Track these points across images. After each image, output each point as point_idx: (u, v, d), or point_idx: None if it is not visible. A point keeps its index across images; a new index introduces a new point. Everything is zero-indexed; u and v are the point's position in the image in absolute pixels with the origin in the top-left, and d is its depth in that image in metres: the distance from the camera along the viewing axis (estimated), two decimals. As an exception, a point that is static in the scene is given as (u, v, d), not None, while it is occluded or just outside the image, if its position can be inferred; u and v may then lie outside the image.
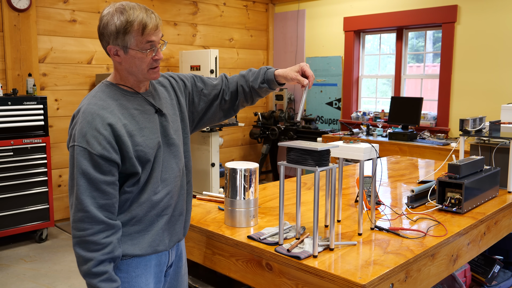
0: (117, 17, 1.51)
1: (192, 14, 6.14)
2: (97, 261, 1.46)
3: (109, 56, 1.59)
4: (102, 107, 1.51)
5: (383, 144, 5.01)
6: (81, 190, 1.46)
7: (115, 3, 1.56)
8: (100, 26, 1.55)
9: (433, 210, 2.16)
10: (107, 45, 1.55)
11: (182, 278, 1.81)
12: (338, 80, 6.38)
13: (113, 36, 1.52)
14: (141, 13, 1.52)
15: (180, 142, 1.71)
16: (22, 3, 4.55)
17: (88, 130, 1.47)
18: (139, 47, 1.53)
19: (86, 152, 1.46)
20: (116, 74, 1.62)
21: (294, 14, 6.80)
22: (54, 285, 3.59)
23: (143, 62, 1.56)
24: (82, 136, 1.47)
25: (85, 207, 1.46)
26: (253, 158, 7.08)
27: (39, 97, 4.35)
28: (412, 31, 5.76)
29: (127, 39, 1.52)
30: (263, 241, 1.73)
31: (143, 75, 1.59)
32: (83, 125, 1.48)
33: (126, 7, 1.52)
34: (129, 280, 1.60)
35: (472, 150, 2.70)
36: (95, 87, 1.64)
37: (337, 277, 1.46)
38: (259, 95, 1.89)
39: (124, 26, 1.50)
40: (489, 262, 2.69)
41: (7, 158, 4.17)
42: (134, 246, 1.57)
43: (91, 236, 1.46)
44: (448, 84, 5.28)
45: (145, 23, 1.52)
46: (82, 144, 1.46)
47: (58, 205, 5.04)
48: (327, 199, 1.88)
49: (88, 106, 1.51)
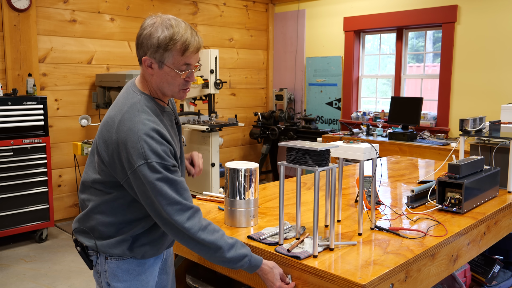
0: (161, 31, 1.48)
1: (192, 14, 6.14)
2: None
3: (140, 65, 1.56)
4: (156, 124, 1.50)
5: (383, 144, 5.01)
6: (168, 194, 1.46)
7: (162, 15, 1.52)
8: (141, 35, 1.52)
9: (433, 210, 2.16)
10: (143, 55, 1.52)
11: (170, 269, 1.86)
12: (338, 80, 6.38)
13: (152, 48, 1.49)
14: (186, 33, 1.50)
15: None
16: (22, 3, 4.55)
17: (157, 146, 1.45)
18: (176, 66, 1.52)
19: (162, 166, 1.46)
20: (144, 83, 1.59)
21: (294, 14, 6.80)
22: (54, 285, 3.59)
23: (175, 81, 1.55)
24: (154, 153, 1.45)
25: (182, 204, 1.48)
26: (253, 158, 7.08)
27: (39, 97, 4.35)
28: (412, 31, 5.76)
29: (166, 55, 1.50)
30: (263, 241, 1.73)
31: (171, 93, 1.58)
32: (150, 143, 1.45)
33: (173, 23, 1.49)
34: (131, 279, 1.64)
35: (472, 150, 2.70)
36: (131, 95, 1.57)
37: (337, 277, 1.46)
38: None
39: (167, 42, 1.48)
40: (489, 262, 2.69)
41: (7, 158, 4.17)
42: (135, 249, 1.62)
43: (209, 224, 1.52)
44: (448, 84, 5.28)
45: (188, 44, 1.50)
46: (158, 160, 1.45)
47: (58, 205, 5.04)
48: (327, 199, 1.88)
49: (145, 124, 1.47)
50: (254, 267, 1.58)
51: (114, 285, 1.63)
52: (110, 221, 1.60)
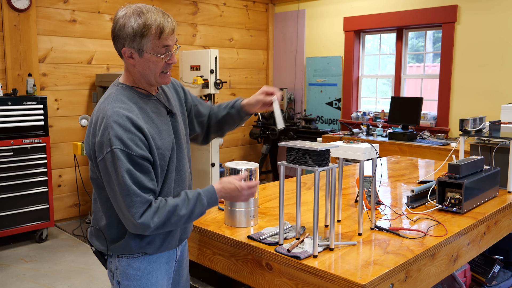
0: (134, 20, 1.49)
1: (192, 14, 6.14)
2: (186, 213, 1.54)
3: (122, 58, 1.57)
4: (128, 110, 1.50)
5: (383, 144, 5.01)
6: (127, 185, 1.44)
7: (131, 5, 1.53)
8: (116, 28, 1.53)
9: (433, 210, 2.16)
10: (122, 47, 1.53)
11: (183, 271, 1.85)
12: (338, 80, 6.38)
13: (129, 38, 1.50)
14: (158, 16, 1.50)
15: (186, 141, 1.74)
16: (22, 3, 4.55)
17: (123, 133, 1.45)
18: (155, 51, 1.52)
19: (125, 154, 1.44)
20: (128, 76, 1.60)
21: (294, 14, 6.80)
22: (54, 285, 3.59)
23: (157, 65, 1.55)
24: (118, 139, 1.44)
25: (141, 197, 1.46)
26: (253, 158, 7.08)
27: (39, 97, 4.35)
28: (412, 31, 5.76)
29: (144, 42, 1.50)
30: (263, 241, 1.73)
31: (155, 79, 1.58)
32: (116, 129, 1.45)
33: (143, 10, 1.50)
34: (141, 277, 1.64)
35: (472, 150, 2.70)
36: (110, 89, 1.61)
37: (337, 277, 1.46)
38: (228, 124, 1.92)
39: (142, 29, 1.48)
40: (489, 262, 2.69)
41: (7, 158, 4.17)
42: (147, 245, 1.60)
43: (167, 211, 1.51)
44: (448, 84, 5.28)
45: (163, 27, 1.50)
46: (121, 147, 1.44)
47: (58, 205, 5.04)
48: (327, 199, 1.88)
49: (114, 110, 1.48)
50: (212, 196, 1.60)
51: (125, 283, 1.63)
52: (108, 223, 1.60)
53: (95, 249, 1.68)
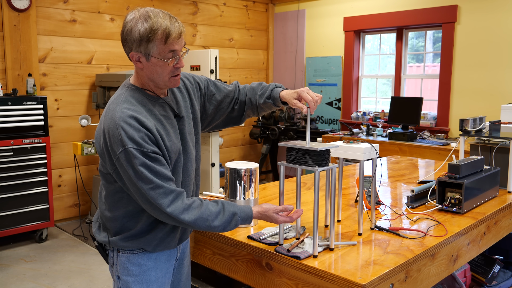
0: (141, 24, 1.50)
1: (192, 14, 6.14)
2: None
3: (131, 61, 1.60)
4: (137, 112, 1.52)
5: (383, 144, 5.01)
6: (148, 178, 1.48)
7: (140, 9, 1.55)
8: (124, 32, 1.54)
9: (433, 210, 2.16)
10: (129, 51, 1.56)
11: (184, 270, 1.85)
12: (338, 80, 6.38)
13: (136, 43, 1.52)
14: (165, 21, 1.51)
15: (193, 145, 1.75)
16: (22, 3, 4.55)
17: (134, 133, 1.48)
18: (162, 55, 1.53)
19: (139, 151, 1.48)
20: (138, 78, 1.63)
21: (294, 14, 6.80)
22: (54, 285, 3.59)
23: (165, 70, 1.56)
24: (130, 139, 1.47)
25: (165, 188, 1.50)
26: (253, 158, 7.08)
27: (39, 97, 4.35)
28: (412, 31, 5.76)
29: (150, 47, 1.52)
30: (263, 241, 1.73)
31: (164, 83, 1.59)
32: (127, 129, 1.48)
33: (150, 14, 1.51)
34: (141, 273, 1.65)
35: (472, 150, 2.70)
36: (121, 89, 1.63)
37: (337, 277, 1.46)
38: (263, 110, 1.91)
39: (148, 34, 1.50)
40: (489, 262, 2.69)
41: (7, 158, 4.17)
42: (146, 242, 1.62)
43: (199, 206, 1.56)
44: (448, 84, 5.28)
45: (169, 32, 1.51)
46: (134, 146, 1.47)
47: (58, 205, 5.04)
48: (327, 199, 1.87)
49: (123, 111, 1.51)
50: (248, 219, 1.62)
51: (124, 279, 1.65)
52: (113, 216, 1.62)
53: (97, 243, 1.70)
